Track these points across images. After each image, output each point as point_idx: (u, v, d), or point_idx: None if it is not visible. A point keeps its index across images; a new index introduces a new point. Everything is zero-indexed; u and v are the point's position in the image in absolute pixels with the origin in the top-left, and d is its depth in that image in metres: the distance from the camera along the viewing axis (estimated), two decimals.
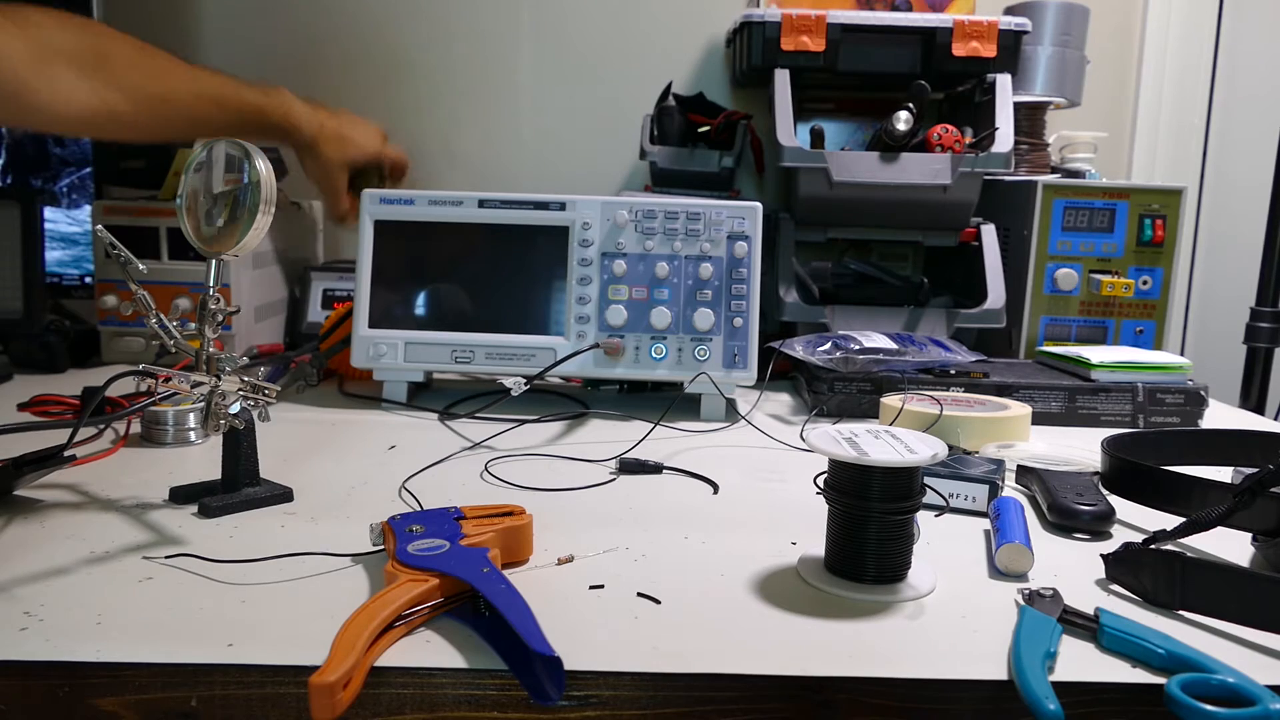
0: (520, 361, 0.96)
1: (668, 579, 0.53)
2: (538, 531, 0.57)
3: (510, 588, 0.46)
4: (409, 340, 0.97)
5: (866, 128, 1.43)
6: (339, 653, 0.40)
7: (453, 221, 0.99)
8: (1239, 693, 0.40)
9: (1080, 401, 0.97)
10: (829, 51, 1.21)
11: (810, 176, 1.16)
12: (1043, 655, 0.43)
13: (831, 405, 0.97)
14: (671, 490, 0.72)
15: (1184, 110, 1.53)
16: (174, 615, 0.47)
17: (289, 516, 0.63)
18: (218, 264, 0.63)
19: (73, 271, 1.28)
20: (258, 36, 1.48)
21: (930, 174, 1.14)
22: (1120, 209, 1.20)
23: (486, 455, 0.80)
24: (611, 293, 0.96)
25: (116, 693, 0.42)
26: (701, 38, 1.49)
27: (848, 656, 0.45)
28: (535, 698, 0.41)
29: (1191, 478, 0.64)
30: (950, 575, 0.55)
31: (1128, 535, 0.63)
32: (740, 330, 0.96)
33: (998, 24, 1.20)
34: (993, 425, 0.84)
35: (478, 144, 1.51)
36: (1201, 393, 0.97)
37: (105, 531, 0.59)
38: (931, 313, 1.18)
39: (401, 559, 0.49)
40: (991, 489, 0.67)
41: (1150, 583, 0.51)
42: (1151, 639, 0.44)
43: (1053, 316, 1.22)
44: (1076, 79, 1.36)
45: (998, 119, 1.18)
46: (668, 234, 0.97)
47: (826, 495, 0.53)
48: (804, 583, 0.53)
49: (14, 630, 0.45)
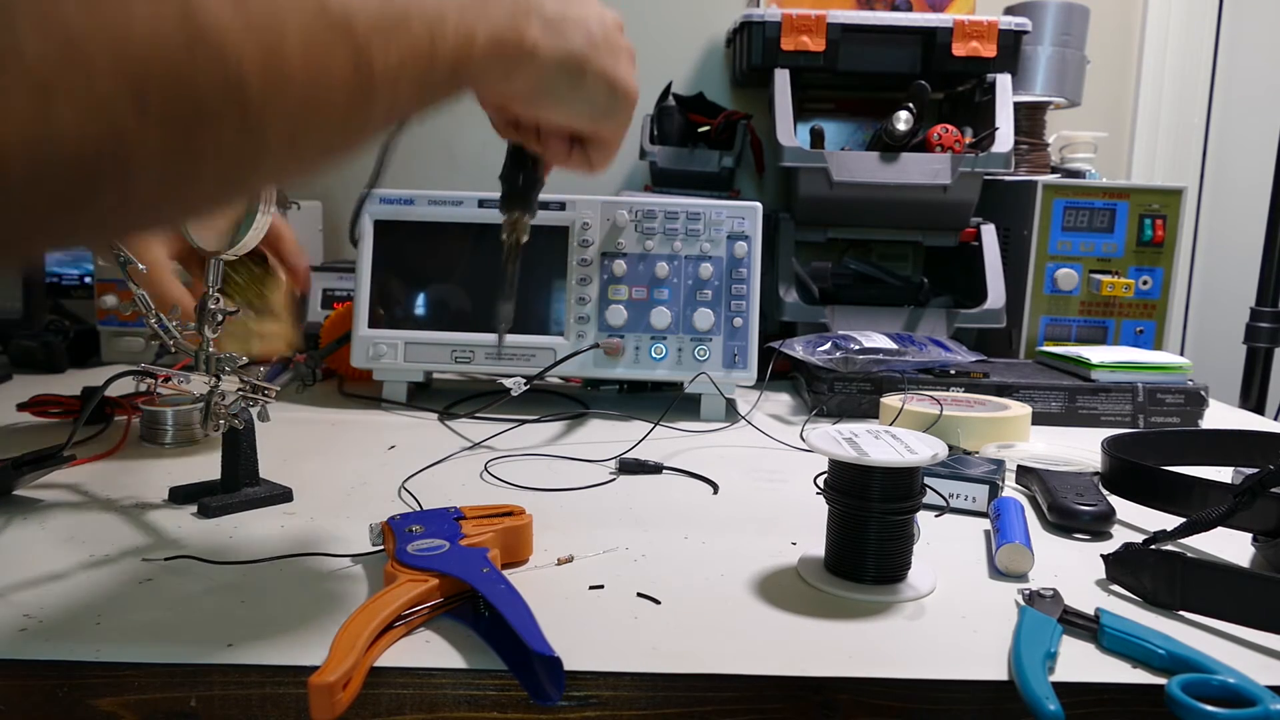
0: (520, 361, 0.96)
1: (667, 579, 0.53)
2: (537, 532, 0.57)
3: (510, 588, 0.46)
4: (409, 340, 0.97)
5: (866, 128, 1.43)
6: (338, 653, 0.40)
7: (453, 221, 0.99)
8: (1239, 693, 0.40)
9: (1080, 402, 0.97)
10: (829, 51, 1.21)
11: (810, 176, 1.16)
12: (1043, 655, 0.43)
13: (831, 405, 0.97)
14: (671, 490, 0.72)
15: (1184, 110, 1.53)
16: (173, 615, 0.47)
17: (289, 516, 0.63)
18: (217, 264, 0.63)
19: (72, 271, 1.28)
20: None
21: (930, 174, 1.14)
22: (1120, 209, 1.20)
23: (486, 455, 0.80)
24: (611, 293, 0.96)
25: (116, 693, 0.42)
26: (701, 38, 1.49)
27: (848, 657, 0.45)
28: (535, 698, 0.41)
29: (1191, 478, 0.64)
30: (950, 575, 0.55)
31: (1128, 535, 0.63)
32: (740, 330, 0.96)
33: (998, 24, 1.20)
34: (993, 425, 0.84)
35: (478, 144, 1.51)
36: (1201, 393, 0.97)
37: (104, 532, 0.59)
38: (931, 313, 1.18)
39: (401, 559, 0.49)
40: (991, 489, 0.67)
41: (1150, 583, 0.51)
42: (1152, 639, 0.44)
43: (1053, 316, 1.22)
44: (1076, 79, 1.36)
45: (998, 119, 1.18)
46: (667, 234, 0.97)
47: (826, 495, 0.53)
48: (804, 583, 0.53)
49: (13, 630, 0.45)
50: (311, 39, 0.32)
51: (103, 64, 0.27)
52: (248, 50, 0.30)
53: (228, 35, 0.29)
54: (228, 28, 0.29)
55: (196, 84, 0.29)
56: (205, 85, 0.29)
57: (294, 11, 0.32)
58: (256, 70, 0.30)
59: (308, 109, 0.33)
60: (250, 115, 0.31)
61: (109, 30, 0.27)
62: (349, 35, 0.34)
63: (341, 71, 0.34)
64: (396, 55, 0.36)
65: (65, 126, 0.27)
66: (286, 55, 0.31)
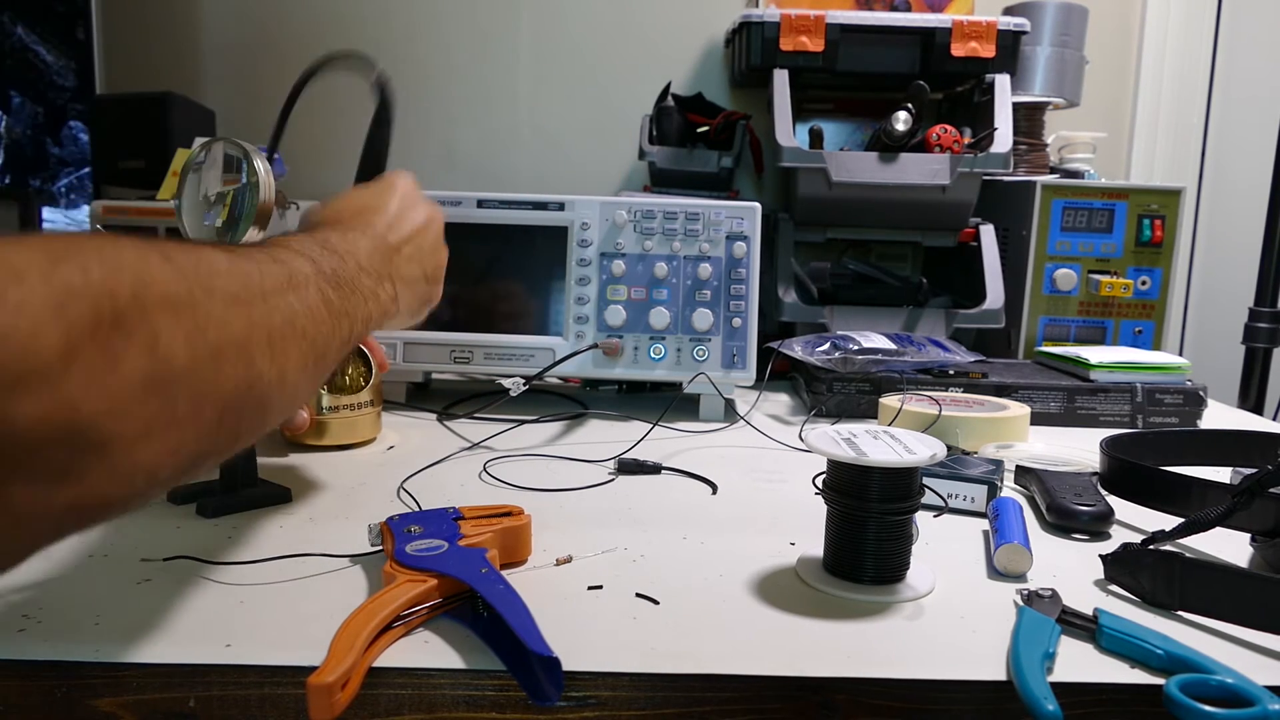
0: (519, 362, 0.96)
1: (666, 579, 0.53)
2: (536, 532, 0.57)
3: (509, 588, 0.46)
4: (408, 340, 0.97)
5: (865, 128, 1.43)
6: (337, 653, 0.40)
7: (452, 221, 0.98)
8: (1238, 693, 0.40)
9: (1079, 402, 0.97)
10: (828, 52, 1.21)
11: (809, 177, 1.16)
12: (1041, 656, 0.43)
13: (830, 405, 0.97)
14: (670, 490, 0.72)
15: (1183, 110, 1.54)
16: (172, 616, 0.47)
17: (287, 517, 0.63)
18: None
19: None
20: (257, 38, 1.48)
21: (929, 174, 1.14)
22: (1119, 209, 1.20)
23: (485, 455, 0.80)
24: (610, 293, 0.96)
25: (115, 693, 0.42)
26: (700, 38, 1.49)
27: (846, 657, 0.45)
28: (534, 698, 0.41)
29: (1190, 478, 0.64)
30: (949, 576, 0.55)
31: (1126, 536, 0.63)
32: (739, 330, 0.96)
33: (996, 24, 1.20)
34: (991, 425, 0.84)
35: (477, 144, 1.51)
36: (1200, 393, 0.97)
37: (103, 532, 0.59)
38: (930, 313, 1.18)
39: (400, 559, 0.49)
40: (990, 489, 0.67)
41: (1149, 583, 0.51)
42: (1150, 639, 0.44)
43: (1051, 317, 1.22)
44: (1075, 79, 1.36)
45: (996, 119, 1.18)
46: (667, 234, 0.97)
47: (825, 496, 0.53)
48: (803, 583, 0.53)
49: (12, 631, 0.45)
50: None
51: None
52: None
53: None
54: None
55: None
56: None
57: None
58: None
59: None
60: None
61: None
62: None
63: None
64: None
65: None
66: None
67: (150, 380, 0.32)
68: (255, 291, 0.40)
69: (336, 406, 0.79)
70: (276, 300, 0.41)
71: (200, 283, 0.36)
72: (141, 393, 0.32)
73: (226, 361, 0.37)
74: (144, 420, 0.32)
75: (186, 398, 0.34)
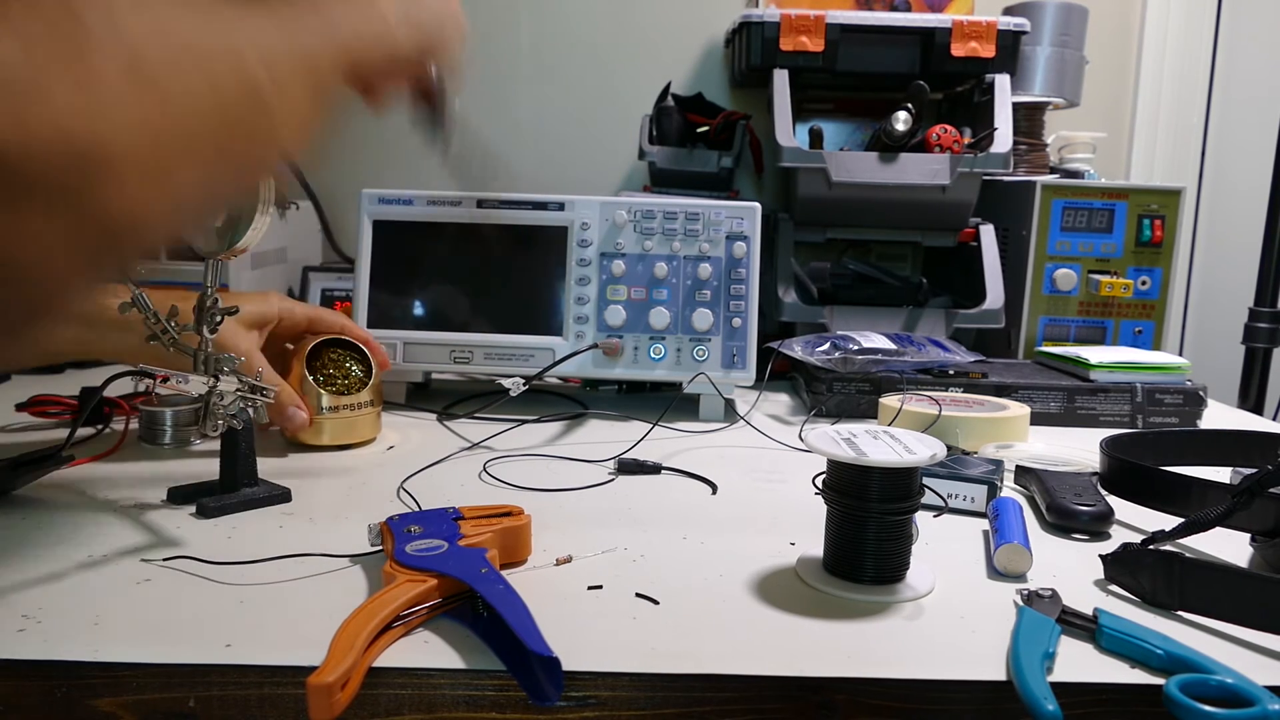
0: (519, 362, 0.96)
1: (666, 579, 0.53)
2: (536, 532, 0.57)
3: (508, 588, 0.46)
4: (408, 340, 0.97)
5: (865, 128, 1.43)
6: (337, 653, 0.40)
7: (452, 222, 0.99)
8: (1238, 693, 0.41)
9: (1079, 402, 0.97)
10: (828, 52, 1.21)
11: (809, 177, 1.16)
12: (1041, 656, 0.43)
13: (830, 405, 0.97)
14: (670, 490, 0.72)
15: (1183, 110, 1.54)
16: (172, 616, 0.47)
17: (287, 517, 0.63)
18: (216, 264, 0.63)
19: None
20: None
21: (929, 174, 1.14)
22: (1119, 209, 1.20)
23: (485, 455, 0.80)
24: (610, 293, 0.96)
25: (114, 693, 0.42)
26: (700, 38, 1.49)
27: (846, 657, 0.45)
28: (533, 698, 0.41)
29: (1190, 478, 0.64)
30: (949, 576, 0.55)
31: (1126, 536, 0.63)
32: (739, 330, 0.96)
33: (996, 24, 1.20)
34: (991, 425, 0.84)
35: None
36: (1200, 393, 0.97)
37: (103, 532, 0.59)
38: (930, 313, 1.18)
39: (400, 559, 0.49)
40: (990, 489, 0.67)
41: (1149, 583, 0.51)
42: (1150, 639, 0.44)
43: (1051, 317, 1.22)
44: (1075, 79, 1.36)
45: (996, 119, 1.18)
46: (666, 234, 0.97)
47: (825, 496, 0.53)
48: (802, 583, 0.53)
49: (12, 631, 0.45)
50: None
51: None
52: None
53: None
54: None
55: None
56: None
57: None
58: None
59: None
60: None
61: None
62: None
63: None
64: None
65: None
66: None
67: (131, 76, 0.32)
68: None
69: (336, 406, 0.79)
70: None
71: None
72: (125, 91, 0.32)
73: (208, 59, 0.37)
74: (136, 120, 0.32)
75: (177, 95, 0.34)
